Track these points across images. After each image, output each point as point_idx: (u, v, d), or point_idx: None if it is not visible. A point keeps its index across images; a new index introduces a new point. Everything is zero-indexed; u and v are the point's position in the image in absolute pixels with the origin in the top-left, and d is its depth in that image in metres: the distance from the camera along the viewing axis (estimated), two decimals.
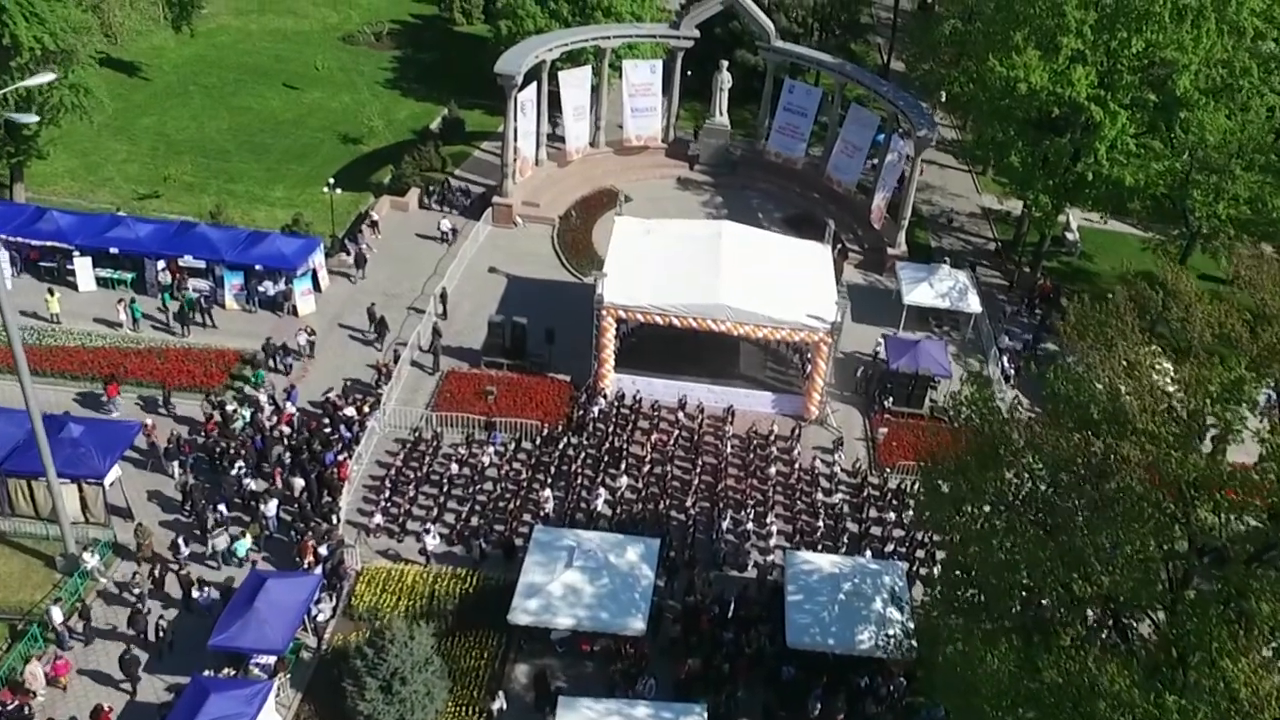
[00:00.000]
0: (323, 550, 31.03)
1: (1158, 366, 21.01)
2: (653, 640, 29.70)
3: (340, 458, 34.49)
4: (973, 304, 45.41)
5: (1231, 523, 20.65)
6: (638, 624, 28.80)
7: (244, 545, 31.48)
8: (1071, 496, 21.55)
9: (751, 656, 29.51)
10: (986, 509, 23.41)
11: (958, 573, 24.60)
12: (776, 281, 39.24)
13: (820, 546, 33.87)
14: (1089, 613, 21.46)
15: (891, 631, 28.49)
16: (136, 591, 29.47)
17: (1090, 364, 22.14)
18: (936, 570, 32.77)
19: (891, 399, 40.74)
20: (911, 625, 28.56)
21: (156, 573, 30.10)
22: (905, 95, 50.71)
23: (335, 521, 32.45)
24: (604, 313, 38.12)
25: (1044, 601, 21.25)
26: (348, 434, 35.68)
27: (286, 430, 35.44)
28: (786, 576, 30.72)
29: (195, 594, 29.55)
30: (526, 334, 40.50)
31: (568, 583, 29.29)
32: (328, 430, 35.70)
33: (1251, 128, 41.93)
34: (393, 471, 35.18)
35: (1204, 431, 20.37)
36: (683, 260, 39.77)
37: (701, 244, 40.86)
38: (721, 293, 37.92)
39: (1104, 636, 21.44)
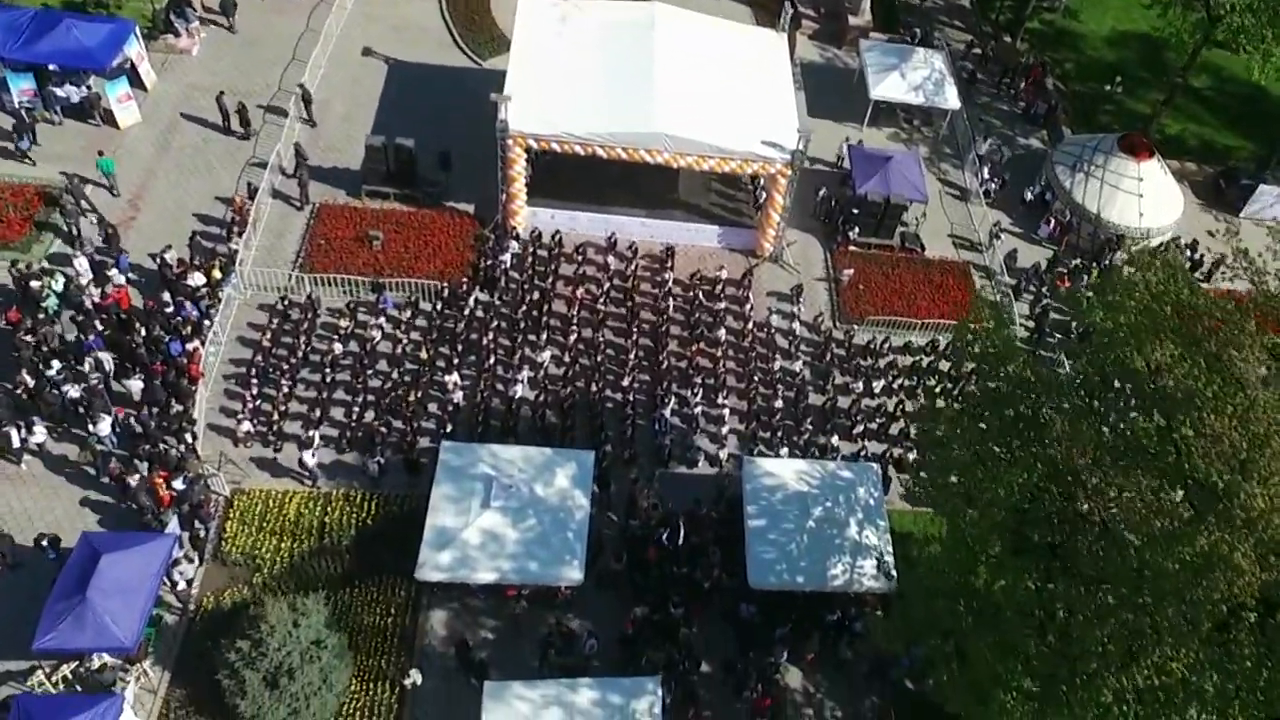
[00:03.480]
0: (178, 484, 24.89)
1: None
2: (591, 567, 25.07)
3: (190, 347, 27.46)
4: (950, 99, 38.27)
5: None
6: (574, 574, 24.01)
7: None
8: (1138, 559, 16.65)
9: (707, 593, 25.41)
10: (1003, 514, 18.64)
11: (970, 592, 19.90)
12: (724, 96, 31.44)
13: (780, 431, 29.12)
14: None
15: (867, 565, 24.83)
16: None
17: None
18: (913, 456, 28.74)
19: (857, 229, 34.65)
20: (889, 554, 24.89)
21: None
22: None
23: (191, 442, 26.01)
24: (510, 142, 30.15)
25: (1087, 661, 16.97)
26: (196, 312, 28.33)
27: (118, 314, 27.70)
28: (745, 494, 25.96)
29: None
30: (415, 158, 32.38)
31: (486, 527, 24.01)
32: (169, 310, 28.21)
33: None
34: (259, 356, 28.42)
35: None
36: (607, 68, 31.33)
37: (630, 41, 32.21)
38: (657, 117, 30.11)
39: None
